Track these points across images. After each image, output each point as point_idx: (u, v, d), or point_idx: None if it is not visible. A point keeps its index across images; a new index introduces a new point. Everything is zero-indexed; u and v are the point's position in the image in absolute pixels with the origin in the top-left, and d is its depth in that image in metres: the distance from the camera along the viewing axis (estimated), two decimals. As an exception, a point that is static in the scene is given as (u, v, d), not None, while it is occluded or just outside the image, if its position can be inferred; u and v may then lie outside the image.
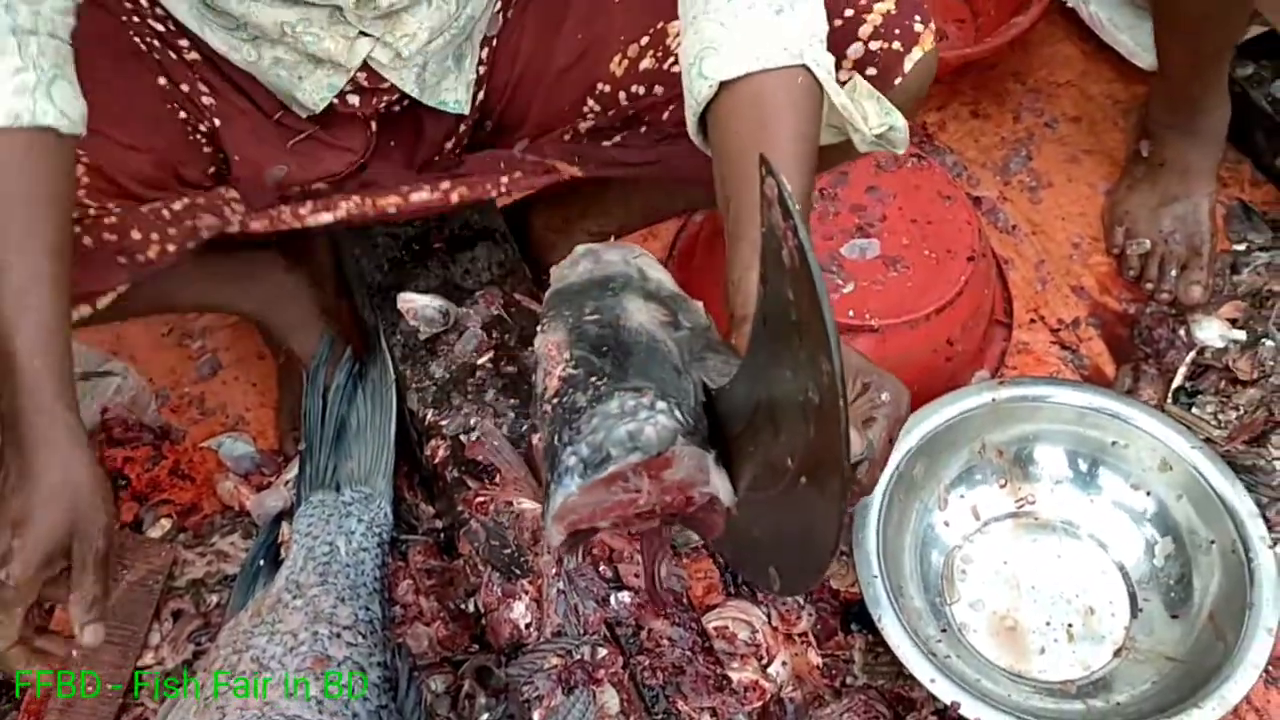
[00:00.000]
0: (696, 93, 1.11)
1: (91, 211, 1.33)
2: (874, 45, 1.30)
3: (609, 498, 0.90)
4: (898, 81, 1.30)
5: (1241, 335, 1.86)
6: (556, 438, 0.91)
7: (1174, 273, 1.94)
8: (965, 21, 2.32)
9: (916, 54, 1.31)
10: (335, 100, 1.39)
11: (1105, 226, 2.05)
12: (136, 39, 1.34)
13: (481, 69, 1.45)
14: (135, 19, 1.34)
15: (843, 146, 1.27)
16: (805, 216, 1.20)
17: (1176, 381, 1.82)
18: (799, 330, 0.74)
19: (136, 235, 1.37)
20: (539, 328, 0.99)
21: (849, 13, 1.25)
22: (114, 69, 1.32)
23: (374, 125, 1.46)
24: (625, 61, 1.38)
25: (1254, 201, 2.06)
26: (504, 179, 1.50)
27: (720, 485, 0.88)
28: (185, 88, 1.37)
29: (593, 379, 0.91)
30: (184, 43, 1.35)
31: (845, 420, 0.72)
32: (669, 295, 0.97)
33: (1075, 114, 2.21)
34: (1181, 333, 1.88)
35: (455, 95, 1.44)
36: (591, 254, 1.01)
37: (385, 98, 1.41)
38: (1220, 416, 1.77)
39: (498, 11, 1.44)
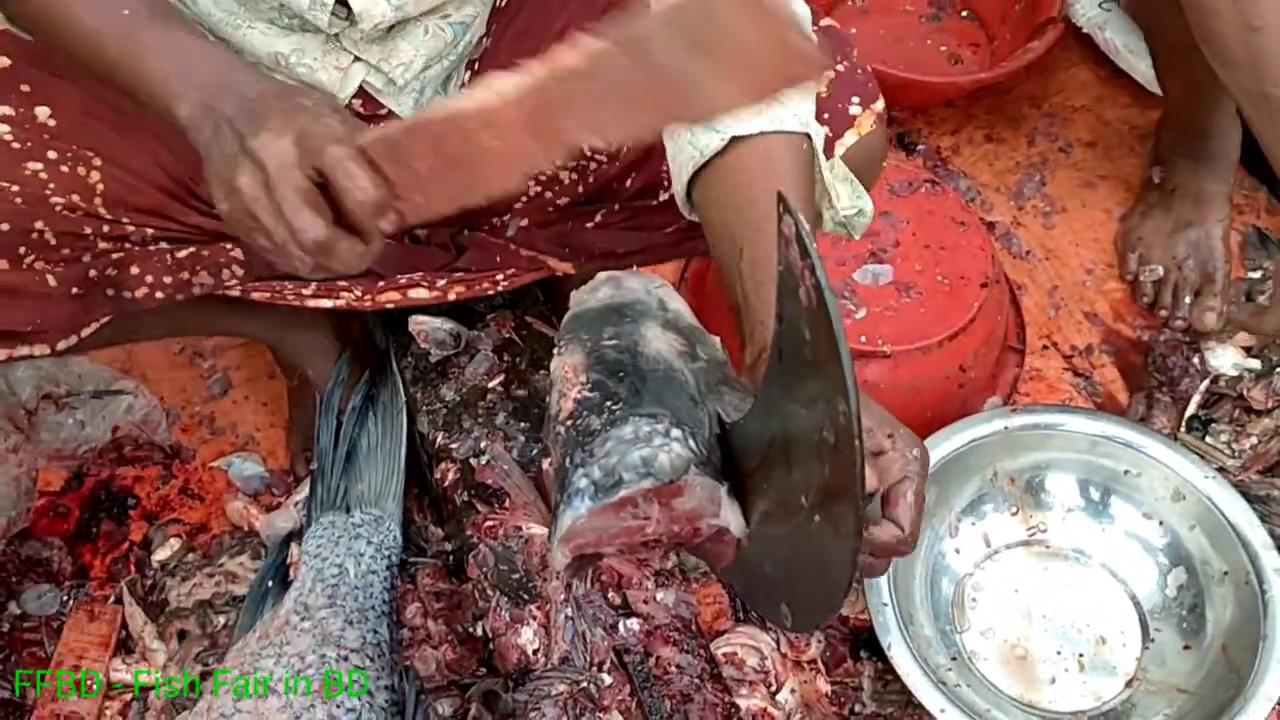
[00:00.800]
0: (703, 146, 1.11)
1: (105, 229, 1.33)
2: None
3: (618, 523, 0.90)
4: None
5: (1256, 364, 1.85)
6: (568, 459, 0.91)
7: (1188, 299, 1.93)
8: (980, 46, 2.31)
9: (850, 138, 1.30)
10: None
11: (1119, 253, 2.04)
12: None
13: (464, 91, 1.46)
14: None
15: None
16: None
17: (1190, 410, 1.81)
18: (815, 369, 0.74)
19: (134, 270, 1.37)
20: (555, 350, 0.99)
21: None
22: None
23: None
24: None
25: (1270, 228, 2.05)
26: (500, 276, 1.51)
27: (732, 518, 0.87)
28: None
29: (608, 403, 0.91)
30: None
31: (860, 461, 0.72)
32: (687, 327, 0.97)
33: (1090, 139, 2.20)
34: (1195, 361, 1.88)
35: None
36: (612, 280, 1.01)
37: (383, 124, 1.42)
38: (1234, 446, 1.77)
39: (483, 36, 1.45)
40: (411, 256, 1.53)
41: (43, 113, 1.27)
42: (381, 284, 1.51)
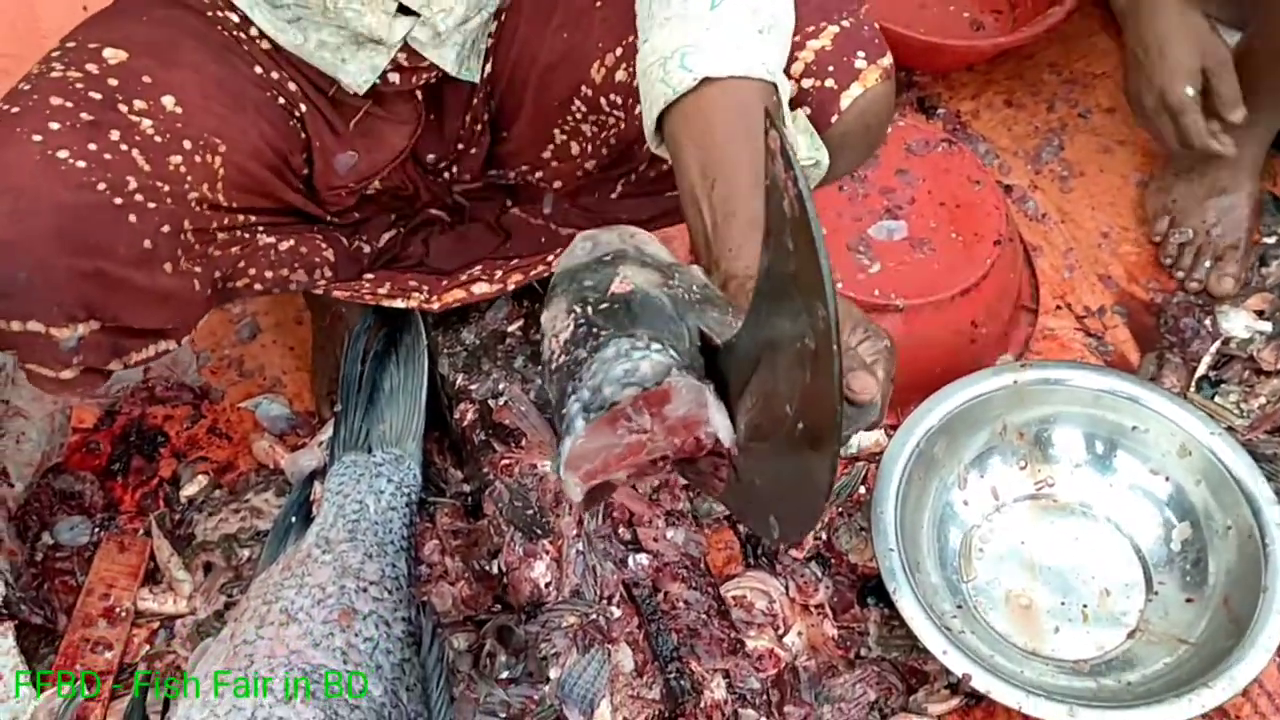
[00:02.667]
0: (675, 83, 1.13)
1: (226, 221, 1.36)
2: (806, 83, 1.30)
3: (618, 441, 0.92)
4: (834, 119, 1.31)
5: (1267, 327, 1.87)
6: (563, 393, 0.94)
7: (1207, 264, 1.94)
8: (1002, 12, 2.33)
9: (855, 90, 1.31)
10: (378, 81, 1.43)
11: (1149, 214, 2.04)
12: (224, 32, 1.37)
13: (490, 41, 1.49)
14: (217, 13, 1.37)
15: None
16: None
17: (1200, 370, 1.83)
18: (797, 279, 0.77)
19: (241, 265, 1.41)
20: (543, 308, 1.03)
21: None
22: (219, 62, 1.34)
23: (420, 95, 1.49)
24: (603, 69, 1.41)
25: (1285, 196, 2.06)
26: (550, 257, 1.56)
27: (719, 421, 0.90)
28: (275, 75, 1.39)
29: (592, 330, 0.94)
30: (255, 32, 1.38)
31: (839, 364, 0.74)
32: (665, 264, 1.00)
33: (1110, 105, 2.21)
34: (1207, 323, 1.90)
35: (467, 64, 1.48)
36: (589, 238, 1.04)
37: (425, 75, 1.45)
38: (1243, 406, 1.78)
39: None
40: (463, 243, 1.59)
41: (169, 102, 1.28)
42: (445, 282, 1.57)
